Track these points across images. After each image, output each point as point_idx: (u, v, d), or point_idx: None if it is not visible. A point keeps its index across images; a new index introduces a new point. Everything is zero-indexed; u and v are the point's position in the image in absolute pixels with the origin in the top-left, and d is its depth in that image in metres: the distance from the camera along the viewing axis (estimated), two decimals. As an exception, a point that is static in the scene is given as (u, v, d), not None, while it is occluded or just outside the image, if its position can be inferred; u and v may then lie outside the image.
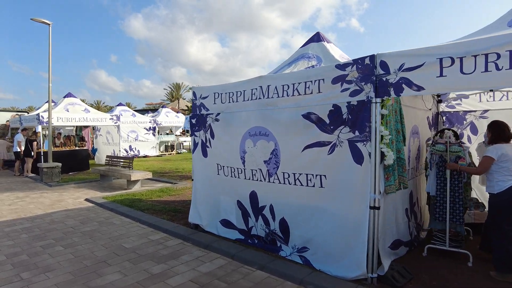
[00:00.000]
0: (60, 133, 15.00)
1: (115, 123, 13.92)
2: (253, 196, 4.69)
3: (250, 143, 4.62)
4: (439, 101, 5.95)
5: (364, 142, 3.51)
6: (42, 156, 12.16)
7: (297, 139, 4.08)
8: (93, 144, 17.10)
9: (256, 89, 4.52)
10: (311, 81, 3.92)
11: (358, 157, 3.57)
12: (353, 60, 3.62)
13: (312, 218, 4.06)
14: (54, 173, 11.11)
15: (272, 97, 4.31)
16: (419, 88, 3.13)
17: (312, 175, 3.97)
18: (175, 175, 12.01)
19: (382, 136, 3.47)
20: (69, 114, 12.93)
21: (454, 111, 5.94)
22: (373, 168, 3.46)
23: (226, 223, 5.14)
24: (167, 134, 22.70)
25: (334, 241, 3.81)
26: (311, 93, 3.91)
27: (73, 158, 13.41)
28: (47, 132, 12.46)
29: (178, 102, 61.00)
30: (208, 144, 5.30)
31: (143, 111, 33.57)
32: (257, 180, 4.60)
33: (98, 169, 10.47)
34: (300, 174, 4.09)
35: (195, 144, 5.50)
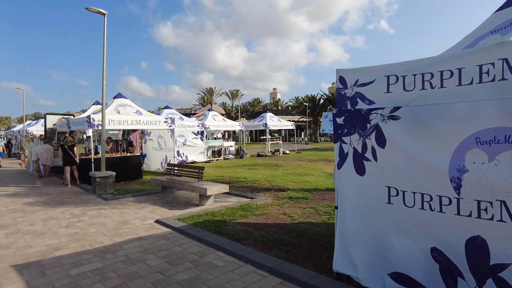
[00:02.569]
0: (110, 138, 13.74)
1: (169, 126, 12.46)
2: (478, 246, 2.80)
3: (479, 155, 2.74)
4: None
5: None
6: (93, 163, 10.87)
7: None
8: (141, 149, 15.82)
9: (492, 64, 2.66)
10: None
11: None
12: None
13: None
14: (107, 183, 9.75)
15: (543, 75, 2.44)
16: None
17: None
18: (240, 186, 10.34)
19: None
20: (120, 116, 11.57)
21: None
22: None
23: (403, 279, 3.28)
24: (215, 138, 21.24)
25: None
26: None
27: (125, 166, 12.04)
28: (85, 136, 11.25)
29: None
30: (368, 155, 3.48)
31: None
32: (490, 219, 2.71)
33: (160, 180, 8.91)
34: None
35: (343, 155, 3.69)
